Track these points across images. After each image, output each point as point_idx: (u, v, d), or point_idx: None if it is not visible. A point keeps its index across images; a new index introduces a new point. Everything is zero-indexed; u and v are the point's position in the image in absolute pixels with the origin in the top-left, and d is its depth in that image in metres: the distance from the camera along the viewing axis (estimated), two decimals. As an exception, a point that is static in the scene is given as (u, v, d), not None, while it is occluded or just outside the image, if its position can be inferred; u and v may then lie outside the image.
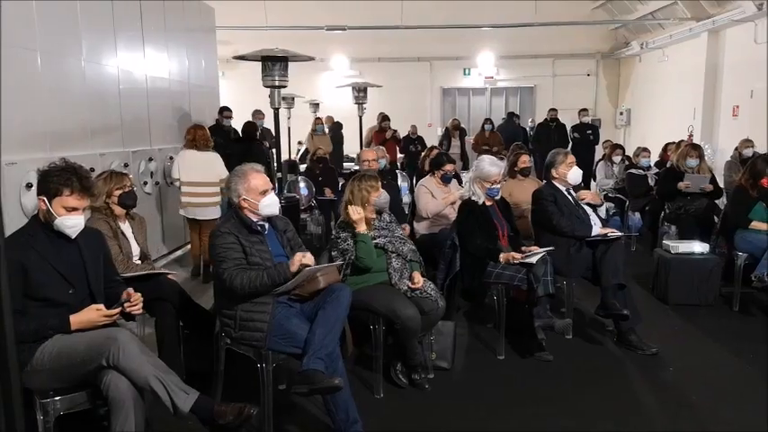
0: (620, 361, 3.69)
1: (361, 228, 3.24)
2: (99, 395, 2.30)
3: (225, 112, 7.15)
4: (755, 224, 4.38)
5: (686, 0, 11.51)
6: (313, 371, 2.49)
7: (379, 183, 3.34)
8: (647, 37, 13.97)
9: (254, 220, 2.84)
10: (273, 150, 7.54)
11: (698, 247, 4.71)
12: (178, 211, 5.40)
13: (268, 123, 7.07)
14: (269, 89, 5.10)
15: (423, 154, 7.43)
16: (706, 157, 9.56)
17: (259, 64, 4.98)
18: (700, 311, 4.48)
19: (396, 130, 10.37)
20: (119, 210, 3.42)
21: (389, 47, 14.60)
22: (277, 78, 5.07)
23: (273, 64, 5.06)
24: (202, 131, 5.39)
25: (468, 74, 16.00)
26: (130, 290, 2.49)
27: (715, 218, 5.51)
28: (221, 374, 2.95)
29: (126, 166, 5.15)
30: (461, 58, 15.54)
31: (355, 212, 3.22)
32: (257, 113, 8.48)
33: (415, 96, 15.61)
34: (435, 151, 7.55)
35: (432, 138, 12.57)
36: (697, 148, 6.04)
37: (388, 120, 10.25)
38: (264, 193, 2.83)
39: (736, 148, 7.75)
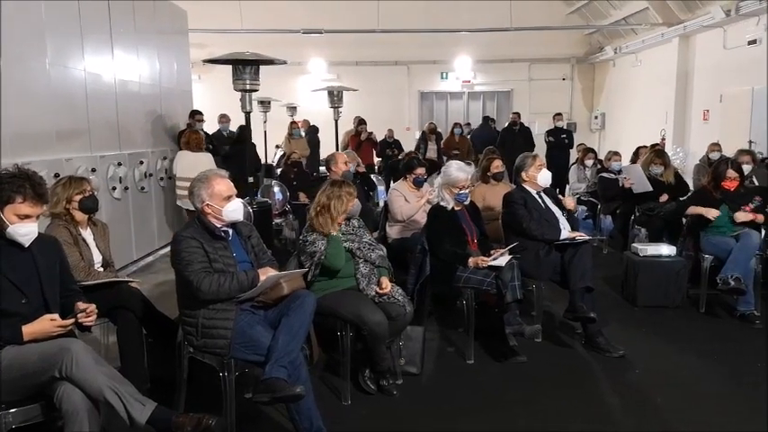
0: (588, 363, 3.72)
1: (333, 230, 3.24)
2: (54, 407, 2.24)
3: (197, 115, 7.08)
4: (739, 215, 4.44)
5: (658, 3, 11.71)
6: (275, 379, 2.46)
7: (355, 191, 3.33)
8: (620, 42, 14.18)
9: (218, 225, 2.80)
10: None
11: (665, 249, 4.77)
12: (150, 217, 5.46)
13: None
14: (240, 93, 5.08)
15: (399, 157, 7.46)
16: (678, 161, 9.80)
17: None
18: (667, 313, 4.54)
19: (371, 133, 10.36)
20: (80, 215, 3.35)
21: (367, 50, 14.61)
22: (248, 82, 5.04)
23: (244, 67, 5.02)
24: (195, 135, 6.35)
25: (446, 78, 16.09)
26: (80, 303, 2.43)
27: (683, 220, 5.59)
28: (184, 383, 2.90)
29: (93, 171, 5.07)
30: (439, 61, 15.63)
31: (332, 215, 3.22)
32: (223, 117, 8.39)
33: (393, 100, 15.64)
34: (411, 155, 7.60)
35: (410, 141, 12.60)
36: (661, 155, 6.14)
37: (365, 123, 10.25)
38: (228, 198, 2.80)
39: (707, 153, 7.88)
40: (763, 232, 4.53)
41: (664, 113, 12.38)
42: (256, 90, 5.05)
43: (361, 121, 10.31)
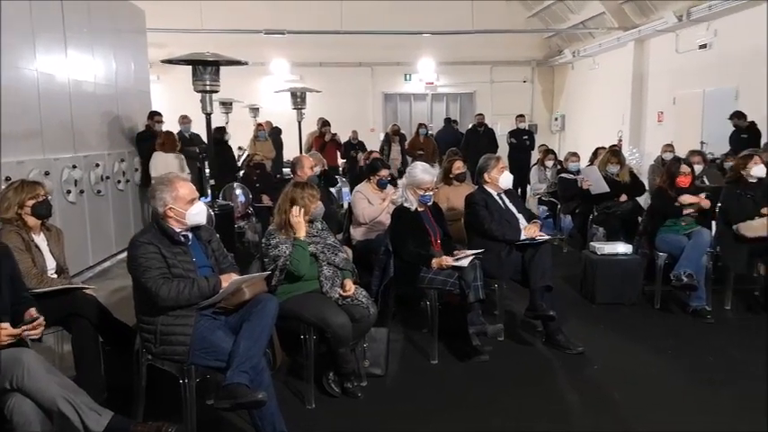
0: (549, 361, 3.80)
1: (301, 233, 3.22)
2: (5, 419, 2.16)
3: (155, 116, 6.93)
4: (684, 198, 4.58)
5: (614, 8, 12.03)
6: (236, 384, 2.43)
7: (319, 193, 3.32)
8: (578, 45, 14.52)
9: (178, 230, 2.75)
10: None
11: (622, 248, 4.91)
12: (107, 222, 5.34)
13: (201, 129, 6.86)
14: (200, 94, 5.00)
15: (362, 158, 7.45)
16: (634, 161, 10.08)
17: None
18: (624, 310, 4.67)
19: (335, 134, 10.33)
20: (32, 221, 3.24)
21: (331, 51, 14.57)
22: (208, 83, 4.96)
23: (204, 68, 4.94)
24: (170, 137, 6.65)
25: (409, 79, 16.18)
26: (32, 310, 2.35)
27: (639, 219, 5.76)
28: (143, 391, 2.84)
29: (47, 174, 4.91)
30: (402, 63, 15.70)
31: (295, 217, 3.21)
32: (183, 118, 8.25)
33: (357, 101, 15.64)
34: (375, 155, 7.61)
35: (374, 143, 12.61)
36: (617, 154, 6.31)
37: (328, 125, 10.21)
38: (192, 201, 2.75)
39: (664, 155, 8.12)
40: (714, 230, 4.71)
41: (620, 115, 12.73)
42: (217, 91, 4.97)
43: (324, 123, 10.27)
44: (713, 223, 4.77)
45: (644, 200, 6.56)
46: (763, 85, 8.67)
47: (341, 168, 10.74)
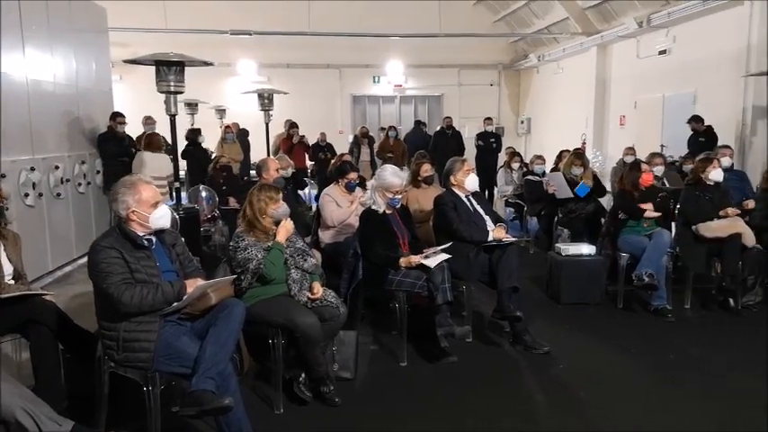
0: (516, 361, 3.84)
1: (281, 237, 3.22)
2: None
3: (118, 117, 6.76)
4: (648, 213, 4.69)
5: (577, 13, 12.29)
6: (202, 391, 2.39)
7: (280, 194, 3.29)
8: (543, 50, 14.79)
9: (141, 234, 2.68)
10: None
11: (586, 249, 5.01)
12: (67, 225, 5.18)
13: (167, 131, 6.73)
14: (164, 95, 4.92)
15: (332, 162, 7.42)
16: (597, 164, 10.31)
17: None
18: (588, 309, 4.76)
19: (303, 136, 10.26)
20: (-13, 226, 3.13)
21: (298, 53, 14.50)
22: (173, 84, 4.89)
23: (169, 68, 4.86)
24: (156, 137, 6.78)
25: (378, 82, 16.21)
26: None
27: (602, 220, 5.89)
28: (105, 399, 2.76)
29: (3, 176, 4.75)
30: (371, 65, 15.72)
31: (289, 223, 3.25)
32: (148, 119, 8.10)
33: (326, 103, 15.59)
34: (346, 157, 7.60)
35: (343, 145, 12.59)
36: (581, 157, 6.45)
37: (296, 127, 10.14)
38: (156, 205, 2.69)
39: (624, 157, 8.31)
40: (673, 231, 4.85)
41: (584, 119, 13.01)
42: (181, 92, 4.91)
43: (292, 125, 10.19)
44: (673, 224, 4.92)
45: (607, 202, 6.72)
46: (719, 90, 8.99)
47: (309, 171, 10.68)
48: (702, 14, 9.32)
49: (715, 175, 4.75)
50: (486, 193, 9.92)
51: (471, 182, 4.28)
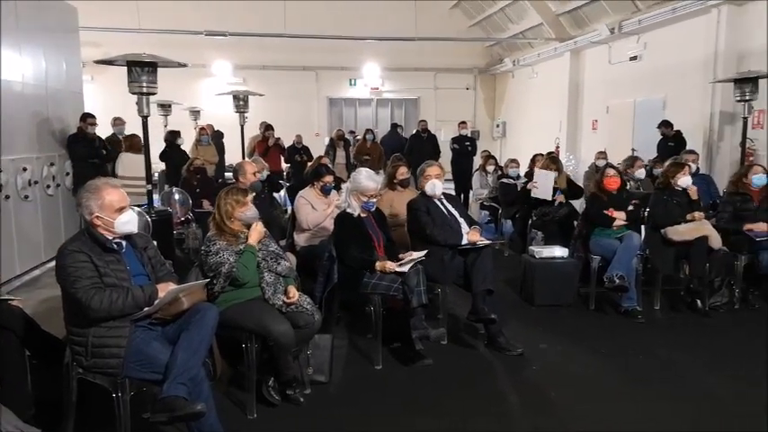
0: (490, 363, 3.88)
1: (253, 240, 3.20)
2: None
3: (88, 119, 6.63)
4: (618, 223, 4.79)
5: (551, 19, 12.47)
6: (174, 397, 2.36)
7: (247, 197, 3.26)
8: (518, 54, 14.96)
9: (110, 237, 2.64)
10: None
11: (559, 251, 5.08)
12: (35, 228, 5.06)
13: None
14: (136, 96, 4.85)
15: (310, 164, 7.39)
16: (570, 168, 10.47)
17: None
18: (561, 311, 4.83)
19: (279, 138, 10.19)
20: (-49, 229, 3.04)
21: (274, 55, 14.43)
22: (145, 85, 4.82)
23: (141, 69, 4.80)
24: (137, 139, 6.99)
25: (354, 84, 16.22)
26: None
27: (575, 223, 5.98)
28: (73, 406, 2.70)
29: (-33, 178, 4.62)
30: (347, 68, 15.72)
31: (260, 226, 3.22)
32: (117, 120, 7.96)
33: (302, 105, 15.54)
34: (325, 160, 7.58)
35: (320, 147, 12.55)
36: (556, 161, 6.55)
37: (272, 129, 10.06)
38: (121, 210, 2.64)
39: (594, 160, 8.47)
40: (643, 234, 4.95)
41: (558, 123, 13.20)
42: (154, 93, 4.84)
43: (268, 127, 10.12)
44: (642, 227, 5.02)
45: (579, 204, 6.82)
46: (688, 95, 9.20)
47: (285, 173, 10.62)
48: (671, 22, 9.54)
49: (683, 181, 4.87)
50: (462, 196, 10.00)
51: (431, 187, 4.29)
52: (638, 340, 4.23)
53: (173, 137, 9.18)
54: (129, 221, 2.65)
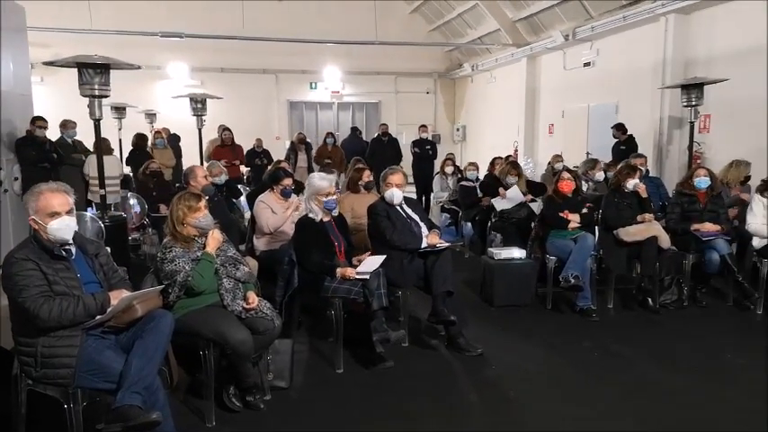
0: (451, 363, 3.92)
1: (211, 247, 3.14)
2: None
3: (38, 121, 6.42)
4: (572, 225, 4.92)
5: (508, 25, 12.72)
6: (128, 406, 2.31)
7: (200, 203, 3.20)
8: (477, 60, 15.20)
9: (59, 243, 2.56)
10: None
11: (517, 253, 5.18)
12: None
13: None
14: (88, 99, 4.72)
15: (269, 168, 7.30)
16: (528, 171, 10.68)
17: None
18: (519, 312, 4.92)
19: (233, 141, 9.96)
20: None
21: (233, 57, 14.25)
22: (97, 87, 4.71)
23: (93, 71, 4.68)
24: (105, 142, 6.97)
25: (315, 88, 16.15)
26: None
27: (533, 225, 6.11)
28: (23, 419, 2.61)
29: None
30: (307, 71, 15.65)
31: (217, 233, 3.17)
32: (68, 123, 7.72)
33: (262, 109, 15.40)
34: (284, 164, 7.51)
35: (280, 151, 12.45)
36: (516, 166, 6.70)
37: (230, 131, 9.85)
38: (54, 215, 2.52)
39: (550, 162, 8.69)
40: (597, 235, 5.09)
41: (516, 127, 13.46)
42: (107, 96, 4.72)
43: (225, 129, 9.95)
44: (596, 229, 5.17)
45: (537, 207, 6.97)
46: (639, 100, 9.53)
47: (246, 177, 10.49)
48: (622, 29, 9.86)
49: (631, 183, 5.04)
50: (424, 199, 10.08)
51: (389, 196, 4.32)
52: (592, 338, 4.34)
53: (142, 141, 8.97)
54: (60, 228, 2.53)
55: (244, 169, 10.53)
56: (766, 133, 7.37)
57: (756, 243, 4.89)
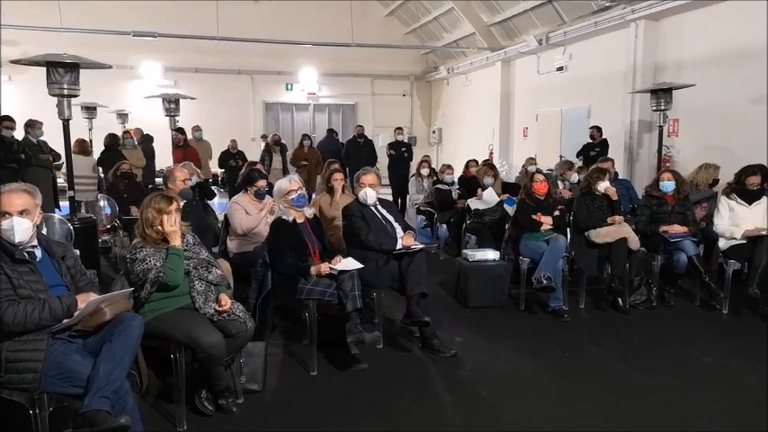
0: (425, 364, 3.93)
1: (176, 241, 3.08)
2: None
3: (5, 122, 6.27)
4: (545, 227, 4.98)
5: (483, 29, 12.86)
6: (96, 411, 2.26)
7: (171, 205, 3.15)
8: (452, 63, 15.31)
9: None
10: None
11: (491, 254, 5.22)
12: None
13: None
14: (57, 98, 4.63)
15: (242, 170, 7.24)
16: (503, 173, 10.81)
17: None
18: (493, 312, 4.96)
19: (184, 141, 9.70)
20: None
21: (208, 57, 14.12)
22: (66, 86, 4.62)
23: (65, 71, 4.59)
24: (84, 143, 8.28)
25: (291, 89, 16.10)
26: None
27: (507, 226, 6.17)
28: (-15, 426, 2.54)
29: None
30: (284, 73, 15.60)
31: (169, 224, 3.06)
32: (35, 123, 7.52)
33: (237, 110, 15.29)
34: (258, 166, 7.45)
35: (256, 152, 12.36)
36: (492, 168, 6.77)
37: (180, 132, 9.55)
38: (4, 215, 2.46)
39: (524, 165, 8.80)
40: (569, 236, 5.17)
41: (491, 129, 13.60)
42: (76, 95, 4.63)
43: (175, 130, 9.64)
44: (568, 230, 5.24)
45: (512, 209, 7.05)
46: (610, 104, 9.70)
47: (220, 179, 10.39)
48: (594, 35, 10.05)
49: (601, 186, 5.14)
50: (400, 201, 10.11)
51: (363, 196, 4.33)
52: (564, 338, 4.40)
53: (114, 141, 8.75)
54: (7, 229, 2.46)
55: (219, 171, 10.43)
56: (733, 137, 7.58)
57: (722, 244, 5.02)
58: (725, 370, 3.81)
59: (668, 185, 5.13)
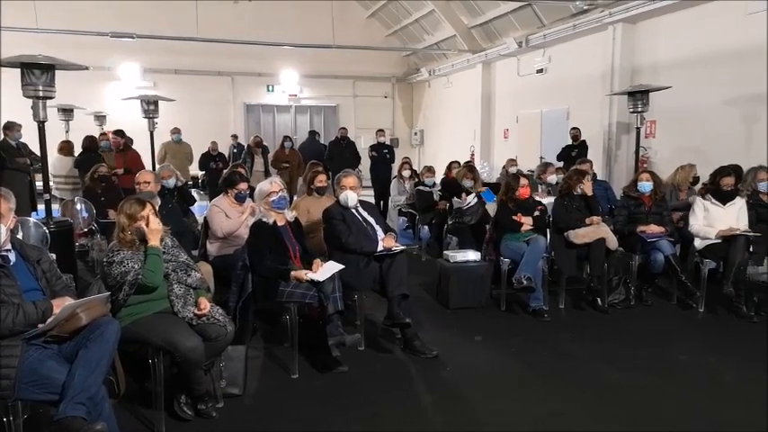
0: (406, 366, 3.94)
1: (155, 241, 3.05)
2: None
3: (-21, 124, 6.15)
4: (525, 227, 5.02)
5: (464, 31, 12.94)
6: (71, 418, 2.23)
7: (145, 210, 3.11)
8: (434, 65, 15.38)
9: (-2, 249, 2.46)
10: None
11: (472, 255, 5.25)
12: None
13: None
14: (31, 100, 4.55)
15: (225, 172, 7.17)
16: (485, 174, 10.88)
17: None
18: (474, 313, 4.99)
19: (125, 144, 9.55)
20: None
21: (187, 58, 13.99)
22: (41, 88, 4.54)
23: (40, 72, 4.51)
24: (67, 144, 8.57)
25: (272, 91, 16.03)
26: None
27: (487, 227, 6.21)
28: (-43, 435, 2.49)
29: None
30: (264, 74, 15.52)
31: (154, 223, 3.03)
32: (13, 125, 7.38)
33: (218, 111, 15.18)
34: (239, 170, 7.39)
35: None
36: (473, 170, 6.81)
37: (118, 134, 9.39)
38: None
39: (504, 166, 8.87)
40: (549, 237, 5.22)
41: (472, 131, 13.68)
42: (51, 97, 4.56)
43: (114, 132, 9.49)
44: (548, 231, 5.29)
45: (492, 209, 7.10)
46: (589, 106, 9.82)
47: (200, 181, 10.30)
48: (573, 37, 10.17)
49: (580, 188, 5.19)
50: (382, 203, 10.11)
51: (344, 199, 4.33)
52: (545, 337, 4.44)
53: (92, 143, 8.48)
54: None
55: (199, 173, 10.34)
56: (708, 139, 7.72)
57: (698, 244, 5.10)
58: (701, 368, 3.88)
59: (646, 186, 5.20)
